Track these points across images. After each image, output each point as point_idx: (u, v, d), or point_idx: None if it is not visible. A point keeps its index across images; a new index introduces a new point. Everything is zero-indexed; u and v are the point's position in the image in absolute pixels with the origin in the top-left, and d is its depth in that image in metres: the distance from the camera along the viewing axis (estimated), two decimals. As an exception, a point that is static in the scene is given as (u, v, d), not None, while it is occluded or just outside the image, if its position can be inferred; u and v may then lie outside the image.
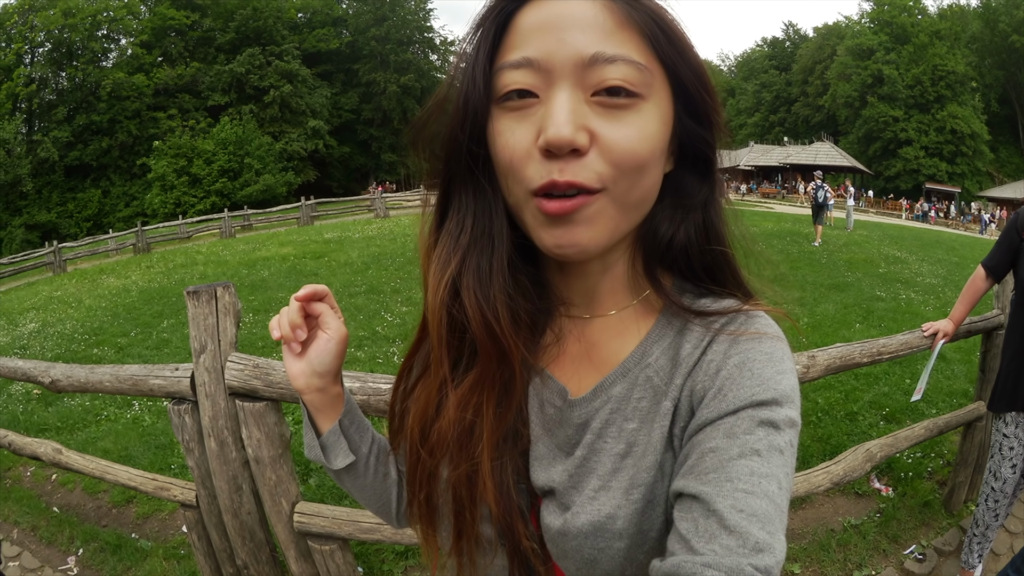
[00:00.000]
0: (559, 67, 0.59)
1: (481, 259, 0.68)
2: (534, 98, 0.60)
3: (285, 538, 2.41)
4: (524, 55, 0.60)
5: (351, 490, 0.90)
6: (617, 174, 0.60)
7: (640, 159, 0.60)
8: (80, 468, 3.15)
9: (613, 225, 0.63)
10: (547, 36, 0.59)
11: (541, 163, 0.59)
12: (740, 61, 70.65)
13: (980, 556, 2.87)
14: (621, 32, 0.59)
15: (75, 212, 43.01)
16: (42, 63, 42.42)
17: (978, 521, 2.83)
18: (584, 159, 0.59)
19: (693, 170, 0.69)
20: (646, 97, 0.60)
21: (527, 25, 0.61)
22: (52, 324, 9.99)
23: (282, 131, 47.08)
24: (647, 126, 0.60)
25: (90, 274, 17.17)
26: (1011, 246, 2.65)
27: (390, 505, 0.92)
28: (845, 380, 5.42)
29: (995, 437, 2.75)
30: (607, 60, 0.58)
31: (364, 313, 8.39)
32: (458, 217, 0.69)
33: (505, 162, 0.63)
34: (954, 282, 10.35)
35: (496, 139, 0.63)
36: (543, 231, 0.63)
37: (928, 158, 45.72)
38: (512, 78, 0.61)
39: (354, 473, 0.88)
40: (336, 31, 53.40)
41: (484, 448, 0.69)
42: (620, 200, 0.61)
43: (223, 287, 2.26)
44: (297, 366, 0.81)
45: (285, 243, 17.45)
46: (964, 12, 49.57)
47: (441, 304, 0.67)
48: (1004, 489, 2.72)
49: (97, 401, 5.84)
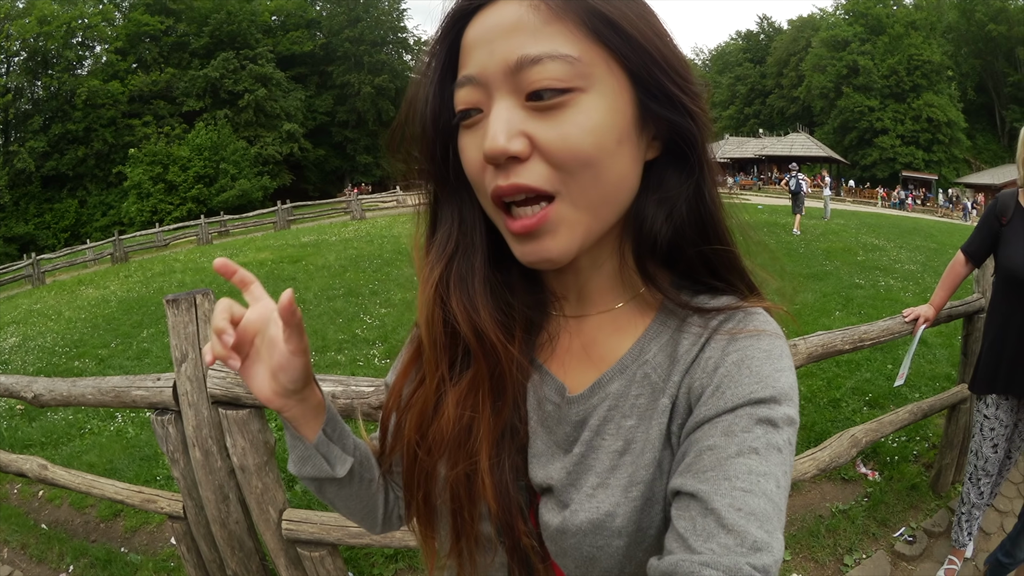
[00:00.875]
0: (492, 78, 0.60)
1: (463, 263, 0.70)
2: (480, 113, 0.62)
3: (274, 546, 2.39)
4: (465, 73, 0.62)
5: (334, 500, 0.83)
6: (565, 175, 0.59)
7: (584, 154, 0.59)
8: (66, 483, 3.11)
9: (582, 229, 0.62)
10: (481, 50, 0.60)
11: (491, 174, 0.61)
12: (714, 55, 71.08)
13: (970, 534, 2.91)
14: (550, 27, 0.58)
15: (52, 223, 42.45)
16: (17, 72, 41.81)
17: (964, 500, 2.88)
18: (526, 164, 0.59)
19: (673, 158, 0.67)
20: (585, 89, 0.59)
21: (468, 43, 0.63)
22: (32, 338, 9.86)
23: (257, 135, 46.71)
24: (589, 119, 0.59)
25: (69, 285, 16.97)
26: (991, 231, 2.69)
27: (375, 511, 0.87)
28: (827, 367, 5.47)
29: (976, 418, 2.80)
30: (532, 61, 0.57)
31: (343, 316, 8.35)
32: (445, 227, 0.72)
33: (470, 176, 0.65)
34: (933, 268, 10.46)
35: (462, 155, 0.66)
36: (515, 245, 0.65)
37: (904, 147, 46.25)
38: (460, 97, 0.63)
39: (338, 483, 0.81)
40: (310, 33, 53.01)
41: (482, 446, 0.69)
42: (580, 201, 0.61)
43: (202, 294, 2.23)
44: (266, 387, 0.71)
45: (263, 248, 17.33)
46: (940, 2, 50.06)
47: (431, 309, 0.70)
48: (987, 468, 2.76)
49: (80, 415, 5.77)
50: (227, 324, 0.67)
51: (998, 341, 2.66)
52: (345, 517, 0.89)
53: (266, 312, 0.71)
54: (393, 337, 7.23)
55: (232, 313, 0.69)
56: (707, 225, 0.68)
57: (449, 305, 0.69)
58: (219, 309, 0.68)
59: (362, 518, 0.88)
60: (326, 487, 0.81)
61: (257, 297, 0.72)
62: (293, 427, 0.76)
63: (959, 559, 2.95)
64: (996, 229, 2.66)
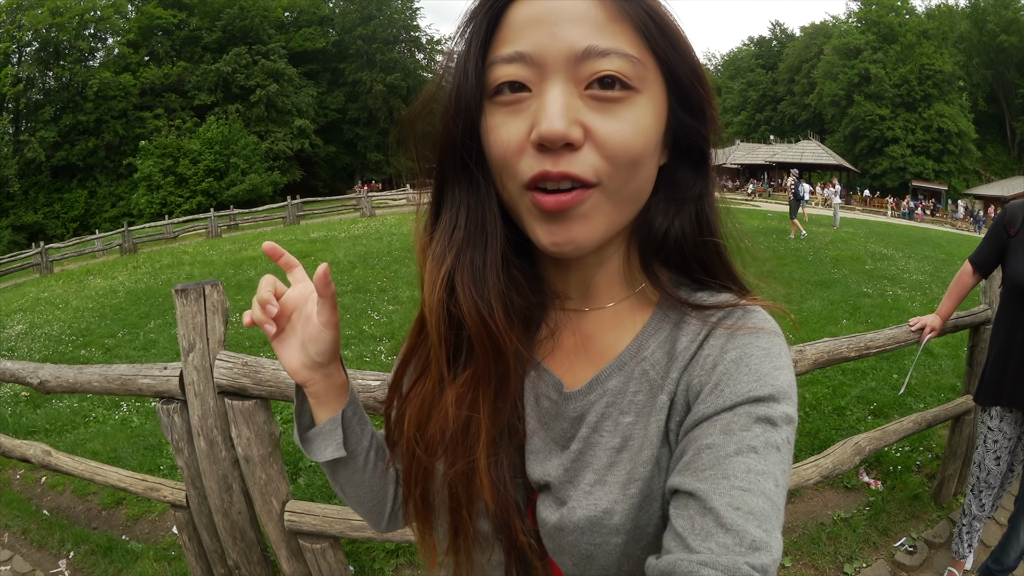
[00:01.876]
0: (552, 61, 0.59)
1: (475, 254, 0.67)
2: (527, 92, 0.60)
3: (276, 537, 2.40)
4: (516, 49, 0.60)
5: (345, 486, 0.86)
6: (612, 168, 0.60)
7: (634, 153, 0.60)
8: (70, 470, 3.12)
9: (608, 221, 0.63)
10: (539, 30, 0.59)
11: (534, 157, 0.59)
12: (727, 60, 70.82)
13: (970, 546, 2.90)
14: (613, 26, 0.59)
15: (62, 213, 42.60)
16: (29, 62, 41.96)
17: (966, 511, 2.86)
18: (578, 153, 0.59)
19: (688, 163, 0.69)
20: (640, 90, 0.60)
21: (519, 19, 0.61)
22: (39, 325, 9.90)
23: (268, 130, 46.80)
24: (641, 120, 0.60)
25: (77, 275, 17.04)
26: (999, 242, 2.68)
27: (384, 503, 0.89)
28: (832, 375, 5.45)
29: (980, 429, 2.78)
30: (600, 53, 0.58)
31: (351, 312, 8.32)
32: (451, 213, 0.69)
33: (498, 157, 0.62)
34: (941, 278, 10.42)
35: (489, 134, 0.63)
36: (539, 227, 0.63)
37: (915, 156, 45.95)
38: (504, 71, 0.61)
39: (352, 467, 0.84)
40: (322, 30, 53.10)
41: (481, 444, 0.68)
42: (615, 195, 0.61)
43: (211, 285, 2.25)
44: (295, 359, 0.78)
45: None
46: (952, 12, 49.80)
47: (439, 301, 0.67)
48: (989, 480, 2.75)
49: (85, 403, 5.79)
50: (271, 296, 0.76)
51: (1003, 353, 2.65)
52: (353, 508, 0.90)
53: (306, 292, 0.80)
54: (400, 334, 7.19)
55: (276, 288, 0.78)
56: (705, 221, 0.70)
57: (457, 299, 0.66)
58: (265, 283, 0.78)
59: (370, 510, 0.89)
60: (340, 470, 0.84)
61: (299, 279, 0.81)
62: (314, 405, 0.81)
63: (959, 570, 2.94)
64: (1004, 240, 2.65)
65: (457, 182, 0.69)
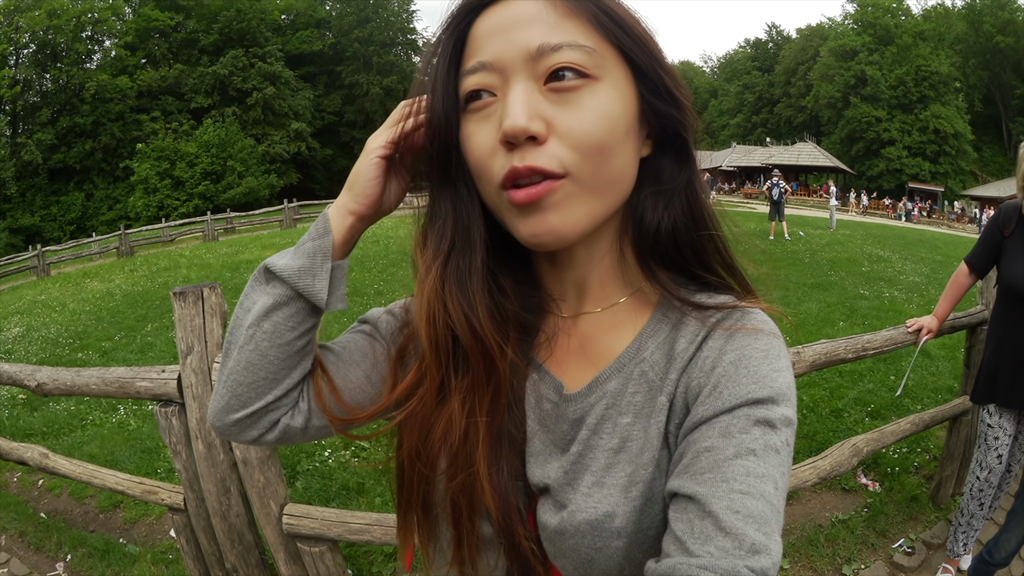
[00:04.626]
0: (510, 64, 0.61)
1: (460, 262, 0.69)
2: (493, 97, 0.63)
3: (274, 540, 2.40)
4: (480, 60, 0.63)
5: (251, 337, 0.73)
6: (579, 157, 0.61)
7: (598, 139, 0.61)
8: (67, 473, 3.11)
9: (587, 209, 0.64)
10: (497, 39, 0.62)
11: (504, 156, 0.62)
12: (723, 62, 70.96)
13: (966, 545, 2.90)
14: (565, 22, 0.62)
15: (58, 215, 42.53)
16: (26, 65, 41.91)
17: (963, 510, 2.87)
18: (544, 146, 0.60)
19: (670, 152, 0.70)
20: (598, 78, 0.62)
21: (480, 33, 0.64)
22: (36, 328, 9.89)
23: (265, 133, 46.77)
24: (603, 106, 0.62)
25: (74, 278, 17.01)
26: (994, 242, 2.69)
27: (263, 394, 0.74)
28: (830, 377, 5.46)
29: (980, 428, 2.79)
30: (553, 48, 0.60)
31: (347, 316, 8.21)
32: (439, 223, 0.71)
33: (475, 163, 0.65)
34: (937, 280, 10.43)
35: (465, 144, 0.66)
36: (517, 222, 0.64)
37: (911, 158, 46.04)
38: (471, 81, 0.64)
39: (303, 313, 0.73)
40: (319, 33, 53.10)
41: (480, 452, 0.68)
42: (588, 183, 0.62)
43: (209, 288, 2.25)
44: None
45: (268, 246, 17.38)
46: (948, 13, 49.98)
47: (429, 310, 0.69)
48: (990, 479, 2.75)
49: (82, 406, 5.77)
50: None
51: (996, 353, 2.67)
52: (240, 370, 0.74)
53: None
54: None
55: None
56: (697, 213, 0.71)
57: (447, 306, 0.68)
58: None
59: (241, 383, 0.74)
60: (283, 311, 0.73)
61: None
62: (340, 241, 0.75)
63: (953, 568, 2.95)
64: (999, 240, 2.66)
65: (443, 194, 0.71)
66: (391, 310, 0.85)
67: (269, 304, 0.73)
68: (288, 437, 0.79)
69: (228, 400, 0.74)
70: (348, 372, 0.80)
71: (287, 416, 0.78)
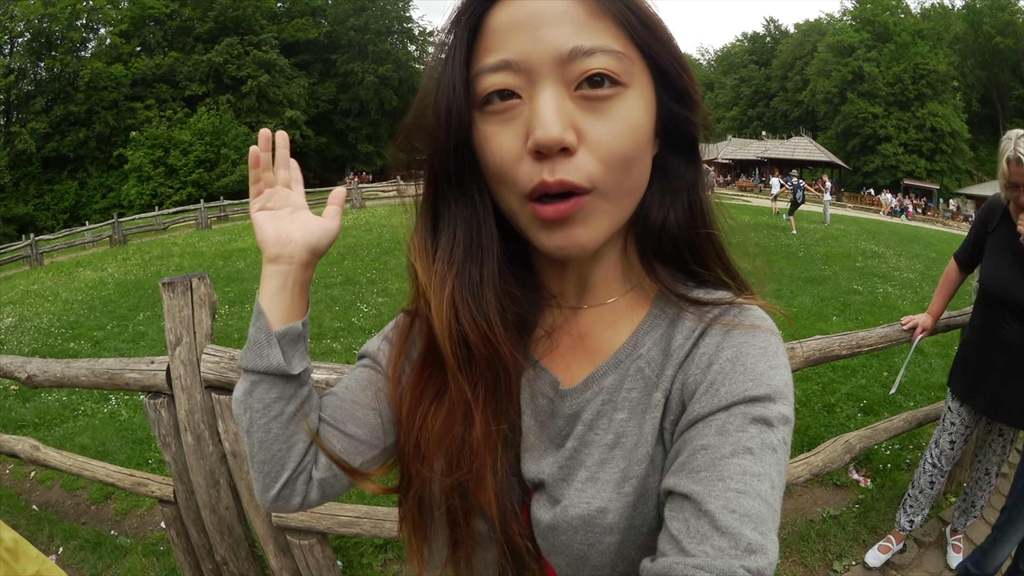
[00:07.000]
0: (539, 66, 0.58)
1: (472, 270, 0.68)
2: (517, 99, 0.60)
3: (264, 533, 2.39)
4: (502, 57, 0.59)
5: (256, 417, 0.73)
6: (606, 170, 0.59)
7: (627, 152, 0.59)
8: (58, 465, 3.11)
9: (610, 220, 0.62)
10: (522, 35, 0.58)
11: (531, 165, 0.59)
12: (720, 55, 70.84)
13: (912, 521, 2.94)
14: (595, 23, 0.58)
15: (52, 204, 42.28)
16: (21, 53, 41.53)
17: (914, 483, 2.93)
18: (574, 158, 0.58)
19: (679, 152, 0.69)
20: (628, 85, 0.59)
21: (500, 26, 0.60)
22: (29, 318, 9.84)
23: (259, 121, 46.41)
24: (632, 115, 0.59)
25: (67, 267, 16.93)
26: (979, 237, 2.70)
27: (286, 461, 0.74)
28: (823, 372, 5.47)
29: (943, 409, 2.86)
30: (586, 53, 0.57)
31: (340, 304, 8.33)
32: (450, 230, 0.69)
33: (495, 168, 0.62)
34: (931, 277, 10.48)
35: (483, 146, 0.62)
36: (541, 235, 0.62)
37: (907, 155, 46.13)
38: (492, 81, 0.60)
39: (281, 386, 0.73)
40: (315, 21, 52.76)
41: (484, 455, 0.68)
42: (611, 194, 0.61)
43: (198, 278, 2.23)
44: (296, 230, 0.75)
45: (262, 234, 17.31)
46: (948, 13, 49.99)
47: (447, 322, 0.66)
48: (940, 461, 2.81)
49: (74, 396, 5.75)
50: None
51: (966, 346, 2.73)
52: (257, 451, 0.74)
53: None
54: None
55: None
56: (698, 210, 0.70)
57: (459, 315, 0.66)
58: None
59: (264, 461, 0.74)
60: (260, 389, 0.73)
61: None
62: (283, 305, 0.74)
63: (896, 540, 2.99)
64: (983, 235, 2.67)
65: (452, 197, 0.68)
66: (385, 335, 0.84)
67: (245, 389, 0.73)
68: (330, 490, 0.79)
69: (263, 481, 0.76)
70: (354, 411, 0.78)
71: (317, 471, 0.78)
